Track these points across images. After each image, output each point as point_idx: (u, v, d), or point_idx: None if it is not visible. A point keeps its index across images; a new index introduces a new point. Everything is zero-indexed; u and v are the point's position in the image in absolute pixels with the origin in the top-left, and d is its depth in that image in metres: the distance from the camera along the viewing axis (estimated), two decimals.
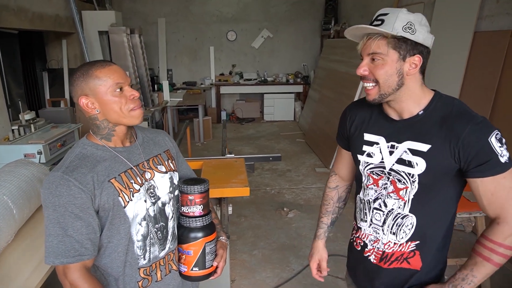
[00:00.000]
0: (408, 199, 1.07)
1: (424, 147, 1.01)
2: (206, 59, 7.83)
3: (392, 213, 1.11)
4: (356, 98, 4.59)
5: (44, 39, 5.30)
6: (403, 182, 1.07)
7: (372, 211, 1.15)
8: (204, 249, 1.17)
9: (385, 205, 1.12)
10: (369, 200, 1.17)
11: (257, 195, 4.11)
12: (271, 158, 2.85)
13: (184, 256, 1.18)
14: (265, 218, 3.55)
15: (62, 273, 0.99)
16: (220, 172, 2.40)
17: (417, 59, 0.99)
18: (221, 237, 1.29)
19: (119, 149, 1.08)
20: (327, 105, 5.61)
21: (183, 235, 1.18)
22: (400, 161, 1.06)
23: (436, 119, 1.01)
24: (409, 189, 1.06)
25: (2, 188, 1.59)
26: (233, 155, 2.73)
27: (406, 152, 1.04)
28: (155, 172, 1.13)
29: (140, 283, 1.10)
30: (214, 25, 7.69)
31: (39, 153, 3.17)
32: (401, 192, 1.08)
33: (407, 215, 1.08)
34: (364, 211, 1.19)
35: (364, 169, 1.17)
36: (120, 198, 1.02)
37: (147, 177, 1.10)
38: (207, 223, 1.19)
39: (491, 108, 2.99)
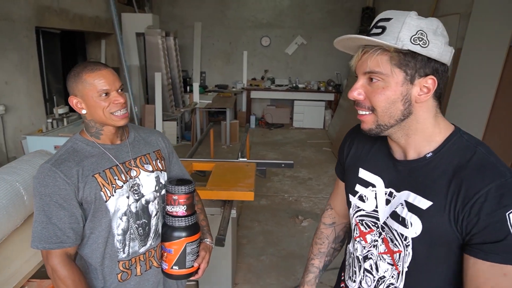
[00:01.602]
0: (403, 270, 0.83)
1: (424, 204, 0.76)
2: (239, 63, 7.93)
3: (384, 281, 0.88)
4: None
5: (85, 39, 5.62)
6: (396, 244, 0.83)
7: (363, 272, 0.93)
8: (185, 249, 1.20)
9: (377, 269, 0.89)
10: (358, 256, 0.94)
11: (274, 201, 4.10)
12: (283, 165, 2.84)
13: (165, 254, 1.21)
14: (278, 225, 3.54)
15: (45, 257, 1.06)
16: (229, 174, 2.43)
17: (430, 82, 0.74)
18: (205, 239, 1.30)
19: (108, 146, 1.14)
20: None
21: (166, 233, 1.21)
22: (394, 215, 0.82)
23: (447, 167, 0.75)
24: (402, 255, 0.82)
25: (17, 175, 1.71)
26: (245, 159, 2.76)
27: (402, 205, 0.80)
28: (141, 170, 1.17)
29: (119, 276, 1.15)
30: (248, 30, 7.79)
31: None
32: (395, 256, 0.84)
33: None
34: (354, 268, 0.97)
35: (353, 215, 0.94)
36: (102, 193, 1.07)
37: (132, 175, 1.15)
38: (190, 223, 1.21)
39: None
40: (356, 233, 0.94)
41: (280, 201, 4.12)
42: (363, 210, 0.91)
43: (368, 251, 0.90)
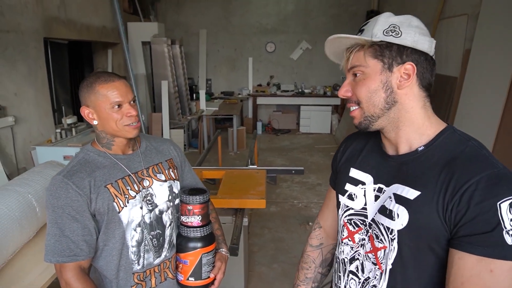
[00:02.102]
0: (386, 268, 0.79)
1: (412, 194, 0.75)
2: (244, 69, 7.95)
3: (368, 283, 0.84)
4: None
5: (92, 49, 5.66)
6: (381, 239, 0.80)
7: (348, 276, 0.90)
8: (200, 260, 1.17)
9: (363, 270, 0.85)
10: (344, 259, 0.91)
11: (283, 207, 4.06)
12: (293, 171, 2.81)
13: (181, 265, 1.19)
14: (289, 232, 3.50)
15: (59, 271, 1.04)
16: (239, 182, 2.40)
17: (409, 67, 0.76)
18: (221, 249, 1.28)
19: (120, 156, 1.12)
20: None
21: (181, 244, 1.19)
22: (382, 209, 0.80)
23: (439, 159, 0.75)
24: (387, 251, 0.79)
25: (29, 187, 1.70)
26: (255, 166, 2.73)
27: (390, 198, 0.79)
28: (153, 180, 1.16)
29: None
30: (253, 37, 7.81)
31: None
32: (379, 254, 0.81)
33: None
34: (339, 273, 0.93)
35: (342, 216, 0.93)
36: (114, 204, 1.05)
37: (145, 185, 1.13)
38: (206, 234, 1.18)
39: None
40: (344, 234, 0.91)
41: (290, 207, 4.08)
42: (352, 208, 0.90)
43: (356, 251, 0.88)
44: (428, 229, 0.72)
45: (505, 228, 0.63)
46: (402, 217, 0.75)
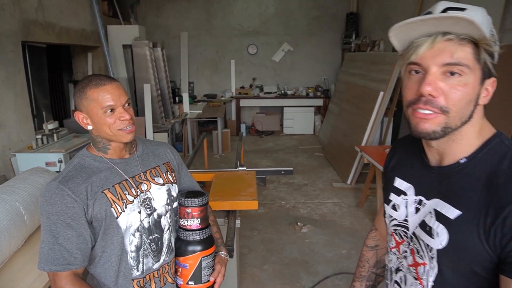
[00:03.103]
0: (427, 285, 0.76)
1: (452, 213, 0.70)
2: (227, 72, 7.93)
3: None
4: (374, 113, 4.51)
5: (71, 52, 5.53)
6: (421, 255, 0.77)
7: (393, 285, 0.89)
8: (200, 263, 1.16)
9: (405, 282, 0.83)
10: (391, 268, 0.89)
11: (271, 208, 4.07)
12: (283, 172, 2.83)
13: (180, 269, 1.18)
14: (278, 232, 3.51)
15: (52, 279, 1.01)
16: (230, 184, 2.40)
17: (493, 83, 0.69)
18: (220, 252, 1.27)
19: (116, 160, 1.10)
20: (346, 118, 5.55)
21: (180, 248, 1.17)
22: (423, 224, 0.77)
23: (481, 174, 0.68)
24: (427, 268, 0.75)
25: (15, 194, 1.65)
26: (244, 168, 2.73)
27: (431, 213, 0.75)
28: (151, 183, 1.14)
29: None
30: (235, 39, 7.81)
31: (60, 161, 3.28)
32: (419, 269, 0.78)
33: None
34: (386, 280, 0.93)
35: (389, 225, 0.90)
36: (112, 209, 1.03)
37: (143, 189, 1.12)
38: (205, 237, 1.18)
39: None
40: (392, 244, 0.89)
41: (278, 208, 4.09)
42: (396, 219, 0.86)
43: (400, 262, 0.86)
44: (469, 252, 0.67)
45: None
46: (442, 237, 0.71)
